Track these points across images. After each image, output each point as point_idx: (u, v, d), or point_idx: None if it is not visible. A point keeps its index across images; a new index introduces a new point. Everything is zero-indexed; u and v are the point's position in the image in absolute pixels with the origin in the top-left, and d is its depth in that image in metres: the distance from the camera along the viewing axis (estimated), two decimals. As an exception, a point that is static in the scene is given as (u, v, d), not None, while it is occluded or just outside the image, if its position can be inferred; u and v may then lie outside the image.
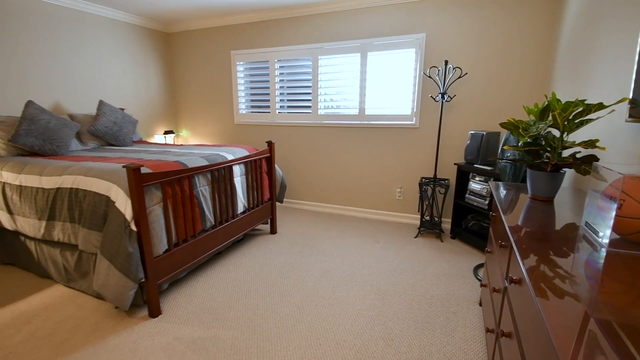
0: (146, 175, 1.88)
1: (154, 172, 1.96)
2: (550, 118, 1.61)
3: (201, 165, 2.37)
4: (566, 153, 1.98)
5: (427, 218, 3.47)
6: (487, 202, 2.77)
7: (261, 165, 3.08)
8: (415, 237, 3.26)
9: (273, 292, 2.29)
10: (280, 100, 4.11)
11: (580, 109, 1.39)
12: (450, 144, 3.37)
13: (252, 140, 4.41)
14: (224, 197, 2.60)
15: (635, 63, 1.31)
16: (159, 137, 4.58)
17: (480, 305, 2.12)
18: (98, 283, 1.91)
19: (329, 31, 3.65)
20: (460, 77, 3.07)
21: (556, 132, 2.26)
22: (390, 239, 3.21)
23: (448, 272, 2.57)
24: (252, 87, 4.27)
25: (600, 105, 1.33)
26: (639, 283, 0.82)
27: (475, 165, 2.87)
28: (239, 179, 2.79)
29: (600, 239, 1.04)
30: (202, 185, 2.40)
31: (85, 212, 2.05)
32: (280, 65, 4.01)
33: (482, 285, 1.97)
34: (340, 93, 3.77)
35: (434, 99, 3.23)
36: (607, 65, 1.73)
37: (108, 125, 3.42)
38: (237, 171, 2.78)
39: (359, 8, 3.46)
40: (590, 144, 1.41)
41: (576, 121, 1.44)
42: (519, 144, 2.02)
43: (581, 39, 2.15)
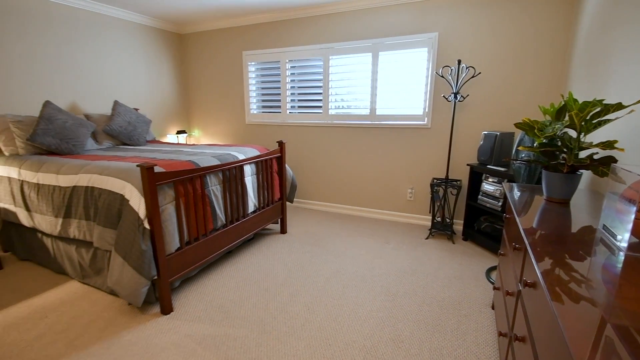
0: (159, 174, 1.91)
1: (167, 171, 1.99)
2: (566, 118, 1.57)
3: (213, 164, 2.39)
4: (583, 154, 1.93)
5: (439, 219, 3.43)
6: (501, 203, 2.72)
7: (272, 165, 3.09)
8: (427, 239, 3.23)
9: (283, 292, 2.30)
10: (291, 100, 4.12)
11: (598, 109, 1.36)
12: (462, 145, 3.33)
13: (263, 140, 4.43)
14: (235, 196, 2.62)
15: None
16: (171, 137, 4.64)
17: (493, 308, 2.09)
18: (112, 280, 1.95)
19: (340, 31, 3.65)
20: (473, 77, 3.03)
21: (573, 133, 2.21)
22: (401, 240, 3.19)
23: (460, 275, 2.53)
24: (263, 87, 4.30)
25: (619, 106, 1.30)
26: (659, 288, 0.79)
27: (488, 166, 2.83)
28: (249, 179, 2.81)
29: (618, 242, 1.02)
30: (213, 184, 2.42)
31: (100, 210, 2.09)
32: (291, 65, 4.02)
33: (494, 288, 1.94)
34: (351, 93, 3.76)
35: (447, 98, 3.19)
36: (627, 64, 1.69)
37: (123, 125, 3.49)
38: (248, 171, 2.80)
39: (371, 8, 3.44)
40: (608, 145, 1.37)
41: (594, 122, 1.41)
42: (534, 144, 1.98)
43: (599, 37, 2.09)
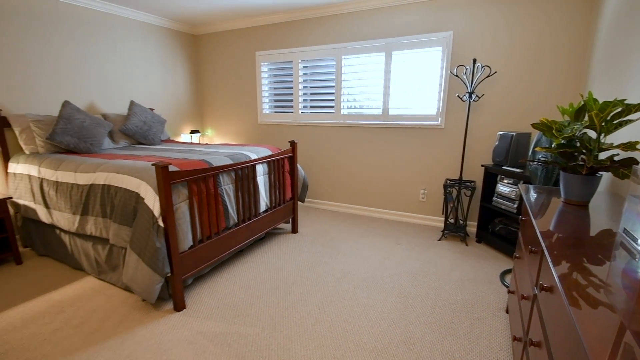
0: (173, 173, 1.94)
1: (181, 170, 2.01)
2: (586, 119, 1.53)
3: (226, 164, 2.41)
4: (603, 155, 1.88)
5: (452, 221, 3.38)
6: (516, 205, 2.67)
7: (284, 165, 3.11)
8: (439, 240, 3.19)
9: (293, 291, 2.31)
10: (303, 100, 4.13)
11: (619, 109, 1.32)
12: (477, 145, 3.28)
13: (275, 140, 4.46)
14: (247, 195, 2.64)
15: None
16: (185, 136, 4.71)
17: (507, 312, 2.05)
18: (127, 276, 1.99)
19: (353, 31, 3.64)
20: (489, 76, 2.98)
21: (592, 134, 2.15)
22: (412, 241, 3.16)
23: (473, 277, 2.49)
24: (275, 87, 4.32)
25: (642, 105, 1.26)
26: (684, 295, 0.76)
27: (503, 167, 2.77)
28: (261, 178, 2.83)
29: (639, 246, 0.98)
30: (226, 183, 2.45)
31: (116, 207, 2.14)
32: (304, 65, 4.03)
33: (509, 291, 1.90)
34: (364, 93, 3.75)
35: (461, 98, 3.15)
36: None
37: (138, 124, 3.56)
38: (260, 170, 2.82)
39: (384, 7, 3.42)
40: (630, 146, 1.33)
41: (615, 122, 1.37)
42: (552, 145, 1.93)
43: (621, 36, 2.03)
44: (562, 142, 1.55)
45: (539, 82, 2.92)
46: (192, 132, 4.68)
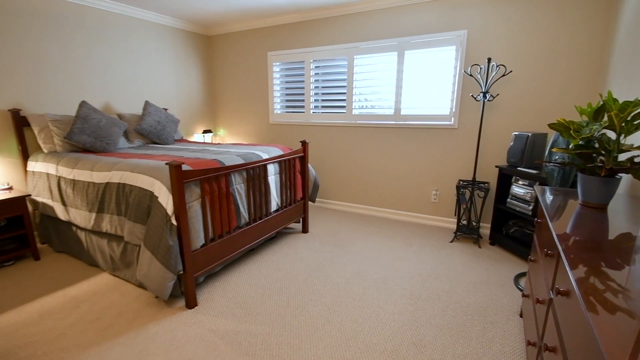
0: (187, 172, 1.97)
1: (194, 169, 2.04)
2: (605, 119, 1.49)
3: (237, 163, 2.43)
4: (623, 157, 1.82)
5: (464, 222, 3.33)
6: (531, 207, 2.61)
7: (295, 165, 3.11)
8: (451, 242, 3.15)
9: (304, 291, 2.31)
10: (314, 100, 4.14)
11: (641, 108, 1.28)
12: (490, 146, 3.22)
13: (286, 140, 4.47)
14: (259, 195, 2.66)
15: None
16: (198, 136, 4.77)
17: (521, 316, 2.01)
18: (141, 273, 2.02)
19: (365, 30, 3.62)
20: (504, 75, 2.92)
21: (612, 135, 2.09)
22: (424, 243, 3.13)
23: (486, 280, 2.45)
24: (287, 87, 4.33)
25: (666, 105, 1.21)
26: None
27: (518, 168, 2.72)
28: (273, 178, 2.84)
29: (662, 251, 0.95)
30: (237, 183, 2.47)
31: (131, 205, 2.18)
32: (315, 65, 4.03)
33: (523, 295, 1.86)
34: (376, 93, 3.73)
35: (475, 98, 3.10)
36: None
37: (152, 124, 3.62)
38: (272, 170, 2.83)
39: (397, 6, 3.39)
40: (652, 147, 1.28)
41: (635, 122, 1.32)
42: (570, 146, 1.89)
43: (643, 33, 1.97)
44: (580, 142, 1.51)
45: (556, 82, 2.85)
46: (205, 131, 4.74)
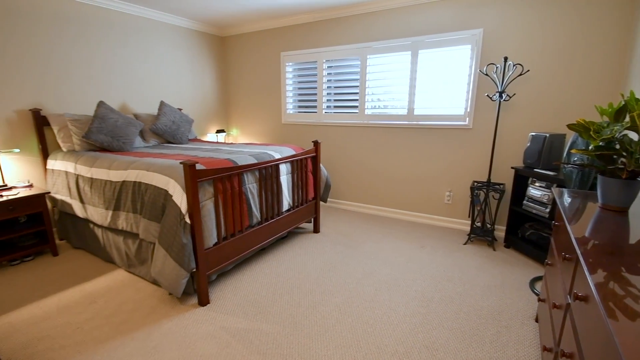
0: (200, 172, 1.99)
1: (207, 168, 2.06)
2: (627, 119, 1.44)
3: (250, 163, 2.45)
4: (646, 158, 1.76)
5: (479, 224, 3.28)
6: (548, 210, 2.55)
7: (307, 165, 3.12)
8: (465, 244, 3.10)
9: (314, 291, 2.31)
10: (327, 100, 4.13)
11: (666, 108, 1.23)
12: (506, 147, 3.16)
13: (298, 140, 4.48)
14: (270, 194, 2.67)
15: None
16: (211, 136, 4.83)
17: (537, 321, 1.96)
18: (155, 270, 2.06)
19: (379, 30, 3.60)
20: (521, 75, 2.86)
21: (634, 136, 2.02)
22: (437, 245, 3.09)
23: (501, 283, 2.41)
24: (299, 88, 4.34)
25: (692, 105, 1.17)
26: None
27: (535, 170, 2.66)
28: (285, 178, 2.85)
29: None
30: (250, 182, 2.48)
31: (146, 204, 2.22)
32: (328, 65, 4.03)
33: (539, 299, 1.82)
34: (388, 92, 3.70)
35: (491, 98, 3.04)
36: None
37: (167, 124, 3.68)
38: (284, 170, 2.84)
39: (411, 5, 3.36)
40: (677, 148, 1.24)
41: (660, 123, 1.28)
42: (589, 147, 1.84)
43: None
44: (601, 144, 1.46)
45: (574, 81, 2.77)
46: (218, 131, 4.79)
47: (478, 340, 1.82)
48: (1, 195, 2.55)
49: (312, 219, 3.36)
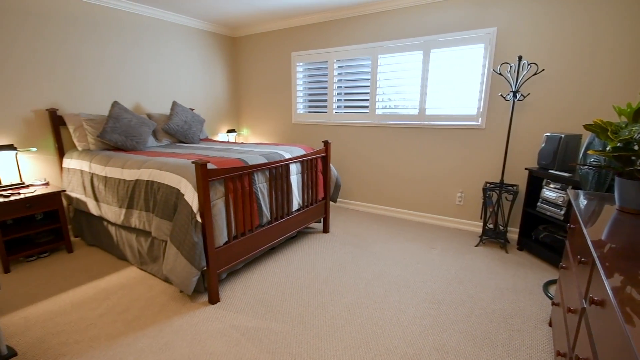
0: (212, 171, 2.01)
1: (219, 168, 2.08)
2: (647, 119, 1.40)
3: (261, 162, 2.46)
4: (666, 160, 1.71)
5: (491, 226, 3.23)
6: (563, 212, 2.50)
7: (317, 165, 3.12)
8: (476, 246, 3.05)
9: (324, 291, 2.31)
10: (337, 100, 4.13)
11: (689, 108, 1.19)
12: (520, 147, 3.10)
13: (308, 140, 4.49)
14: (281, 194, 2.68)
15: None
16: (222, 136, 4.87)
17: (550, 325, 1.92)
18: (167, 268, 2.09)
19: (390, 29, 3.58)
20: (535, 74, 2.81)
21: (653, 136, 1.96)
22: (448, 246, 3.05)
23: (513, 287, 2.37)
24: (310, 87, 4.35)
25: None
26: None
27: (550, 171, 2.60)
28: (295, 177, 2.85)
29: None
30: (260, 182, 2.50)
31: (158, 202, 2.25)
32: (339, 65, 4.02)
33: (553, 303, 1.78)
34: (400, 92, 3.67)
35: (504, 97, 2.99)
36: None
37: (179, 124, 3.72)
38: (294, 169, 2.84)
39: (423, 4, 3.33)
40: (700, 149, 1.19)
41: (682, 123, 1.24)
42: (607, 148, 1.79)
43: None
44: (619, 145, 1.42)
45: (591, 80, 2.71)
46: (229, 131, 4.83)
47: (490, 344, 1.79)
48: (19, 193, 2.62)
49: (322, 219, 3.36)
